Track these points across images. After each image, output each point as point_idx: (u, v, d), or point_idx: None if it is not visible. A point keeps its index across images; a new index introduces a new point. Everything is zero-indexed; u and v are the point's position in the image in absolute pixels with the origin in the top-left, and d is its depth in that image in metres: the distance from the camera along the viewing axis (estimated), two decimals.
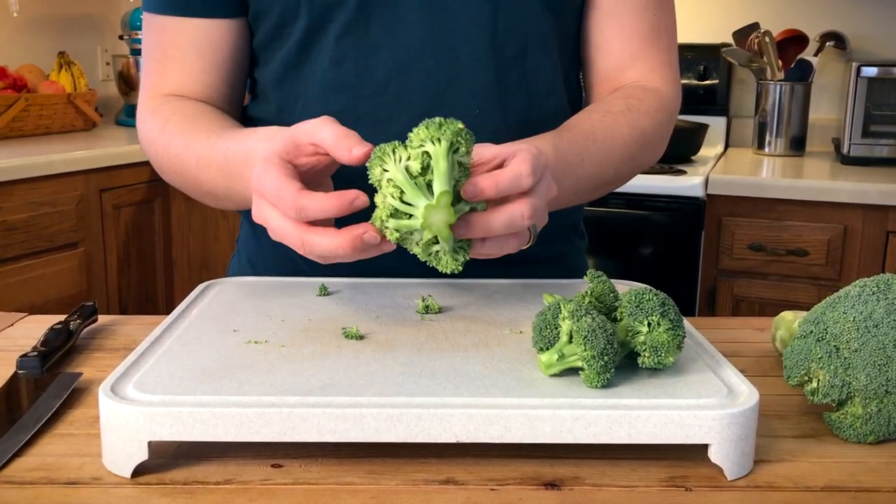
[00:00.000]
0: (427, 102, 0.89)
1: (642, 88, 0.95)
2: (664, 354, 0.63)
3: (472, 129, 0.68)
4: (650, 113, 0.93)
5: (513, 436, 0.58)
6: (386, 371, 0.64)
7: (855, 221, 2.11)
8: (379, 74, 0.90)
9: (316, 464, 0.60)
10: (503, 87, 0.92)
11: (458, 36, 0.89)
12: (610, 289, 0.70)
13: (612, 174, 0.92)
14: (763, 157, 2.56)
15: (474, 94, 0.91)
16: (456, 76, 0.90)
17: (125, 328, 0.90)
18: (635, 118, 0.91)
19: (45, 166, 2.22)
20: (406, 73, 0.89)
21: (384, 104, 0.90)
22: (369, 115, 0.90)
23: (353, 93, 0.90)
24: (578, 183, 0.87)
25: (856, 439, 0.65)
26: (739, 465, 0.59)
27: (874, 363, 0.63)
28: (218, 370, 0.63)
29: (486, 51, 0.90)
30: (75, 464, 0.60)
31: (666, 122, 0.96)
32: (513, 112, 0.93)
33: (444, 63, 0.89)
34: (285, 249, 0.72)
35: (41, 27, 3.01)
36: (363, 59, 0.89)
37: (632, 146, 0.91)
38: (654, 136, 0.94)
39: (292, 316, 0.77)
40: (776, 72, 2.54)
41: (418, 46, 0.89)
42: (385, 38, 0.89)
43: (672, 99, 0.98)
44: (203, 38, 0.93)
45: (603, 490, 0.58)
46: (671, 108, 0.97)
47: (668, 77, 0.98)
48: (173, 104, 0.92)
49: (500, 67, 0.91)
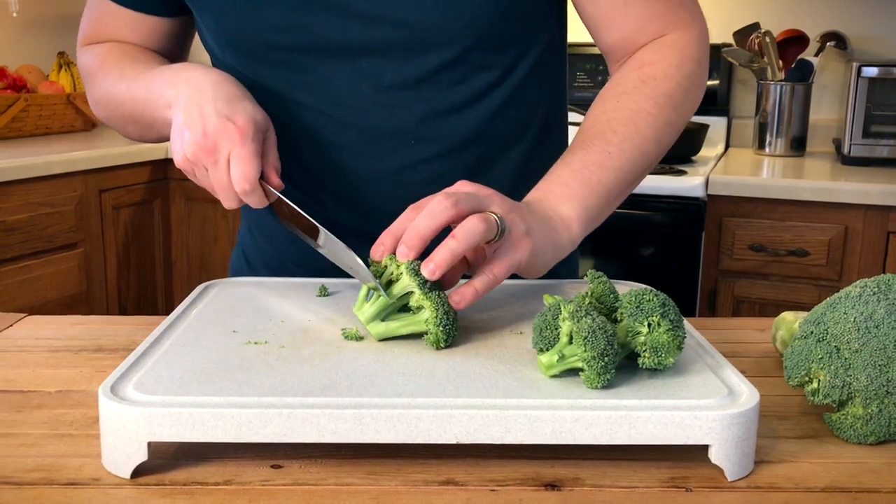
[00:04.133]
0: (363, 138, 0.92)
1: (657, 48, 0.90)
2: (664, 355, 0.63)
3: (414, 160, 0.88)
4: (670, 73, 0.88)
5: (513, 437, 0.58)
6: (386, 372, 0.64)
7: (856, 222, 2.11)
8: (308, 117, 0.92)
9: (315, 464, 0.60)
10: (433, 114, 0.91)
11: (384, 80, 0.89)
12: (610, 289, 0.70)
13: (654, 148, 0.87)
14: (764, 158, 2.56)
15: (404, 129, 0.91)
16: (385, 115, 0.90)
17: (124, 329, 0.90)
18: (653, 87, 0.87)
19: (44, 167, 2.23)
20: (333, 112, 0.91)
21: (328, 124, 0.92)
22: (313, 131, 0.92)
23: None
24: (610, 184, 0.84)
25: (856, 440, 0.65)
26: (740, 466, 0.59)
27: (875, 364, 0.63)
28: (217, 371, 0.63)
29: (412, 89, 0.89)
30: (75, 464, 0.60)
31: (693, 70, 0.90)
32: (455, 134, 0.92)
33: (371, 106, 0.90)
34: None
35: (41, 27, 3.01)
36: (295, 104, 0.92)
37: (662, 114, 0.87)
38: (682, 94, 0.89)
39: (292, 317, 0.77)
40: (777, 72, 2.54)
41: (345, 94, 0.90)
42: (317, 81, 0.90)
43: (695, 42, 0.91)
44: (139, 25, 0.98)
45: (603, 491, 0.58)
46: (696, 53, 0.91)
47: (684, 21, 0.91)
48: (113, 45, 0.98)
49: (426, 101, 0.90)
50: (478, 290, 0.71)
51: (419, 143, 0.91)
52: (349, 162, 0.92)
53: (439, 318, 0.68)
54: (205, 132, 0.78)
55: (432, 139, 0.91)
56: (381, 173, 0.92)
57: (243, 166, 0.77)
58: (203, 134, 0.78)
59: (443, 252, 0.68)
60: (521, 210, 0.75)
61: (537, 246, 0.75)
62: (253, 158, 0.78)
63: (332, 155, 0.93)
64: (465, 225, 0.69)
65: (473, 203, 0.71)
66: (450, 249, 0.68)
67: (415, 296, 0.70)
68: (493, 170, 0.95)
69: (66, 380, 0.76)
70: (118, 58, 0.96)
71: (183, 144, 0.79)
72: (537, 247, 0.75)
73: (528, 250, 0.74)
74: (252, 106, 0.82)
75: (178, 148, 0.80)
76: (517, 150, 0.96)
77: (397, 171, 0.92)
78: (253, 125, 0.79)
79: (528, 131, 0.97)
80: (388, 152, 0.92)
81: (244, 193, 0.78)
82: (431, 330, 0.68)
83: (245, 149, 0.77)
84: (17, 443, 0.64)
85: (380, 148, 0.92)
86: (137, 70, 0.92)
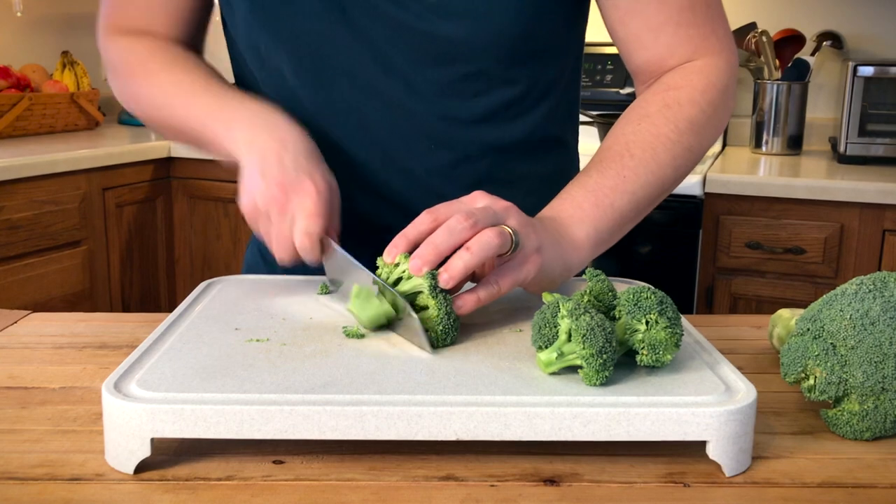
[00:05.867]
0: (386, 131, 0.92)
1: (684, 73, 0.90)
2: (662, 352, 0.63)
3: (427, 162, 0.91)
4: (695, 99, 0.88)
5: (512, 433, 0.58)
6: (386, 369, 0.64)
7: (851, 220, 2.12)
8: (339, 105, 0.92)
9: (317, 460, 0.61)
10: (457, 120, 0.92)
11: (408, 74, 0.89)
12: (608, 287, 0.71)
13: (671, 174, 0.87)
14: (760, 156, 2.57)
15: (425, 131, 0.92)
16: (409, 114, 0.91)
17: (128, 326, 0.91)
18: (676, 112, 0.87)
19: (48, 165, 2.23)
20: (364, 105, 0.91)
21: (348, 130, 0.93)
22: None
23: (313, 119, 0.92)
24: (623, 208, 0.84)
25: (852, 436, 0.65)
26: (737, 462, 0.60)
27: (870, 360, 0.63)
28: (220, 368, 0.64)
29: (435, 86, 0.90)
30: (78, 460, 0.61)
31: (717, 98, 0.90)
32: (474, 141, 0.93)
33: (397, 100, 0.90)
34: None
35: (44, 27, 3.01)
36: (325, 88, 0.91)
37: (682, 140, 0.87)
38: (705, 120, 0.89)
39: (293, 314, 0.77)
40: (773, 71, 2.54)
41: (373, 88, 0.90)
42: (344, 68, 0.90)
43: (722, 70, 0.91)
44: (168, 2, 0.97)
45: (602, 486, 0.58)
46: (722, 81, 0.91)
47: (713, 48, 0.91)
48: (136, 37, 0.97)
49: (450, 100, 0.91)
50: (480, 298, 0.72)
51: (439, 150, 0.93)
52: (376, 155, 0.93)
53: (441, 317, 0.69)
54: (282, 184, 0.79)
55: (451, 147, 0.93)
56: (404, 172, 0.94)
57: (309, 224, 0.78)
58: (280, 185, 0.79)
59: (457, 263, 0.69)
60: (535, 226, 0.76)
61: (546, 263, 0.75)
62: (320, 218, 0.78)
63: (359, 147, 0.93)
64: (480, 238, 0.70)
65: (491, 220, 0.72)
66: (464, 261, 0.69)
67: (423, 295, 0.70)
68: (511, 179, 0.96)
69: (69, 376, 0.77)
70: (169, 62, 0.95)
71: (255, 191, 0.80)
72: (546, 264, 0.75)
73: (537, 267, 0.74)
74: (328, 170, 0.83)
75: (250, 194, 0.80)
76: (533, 160, 0.97)
77: (420, 175, 0.93)
78: (328, 188, 0.80)
79: (546, 143, 0.98)
80: (408, 157, 0.93)
81: (303, 249, 0.78)
82: (432, 328, 0.69)
83: (316, 207, 0.78)
84: (21, 439, 0.64)
85: (399, 152, 0.93)
86: (196, 84, 0.92)
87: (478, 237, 0.70)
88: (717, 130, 0.92)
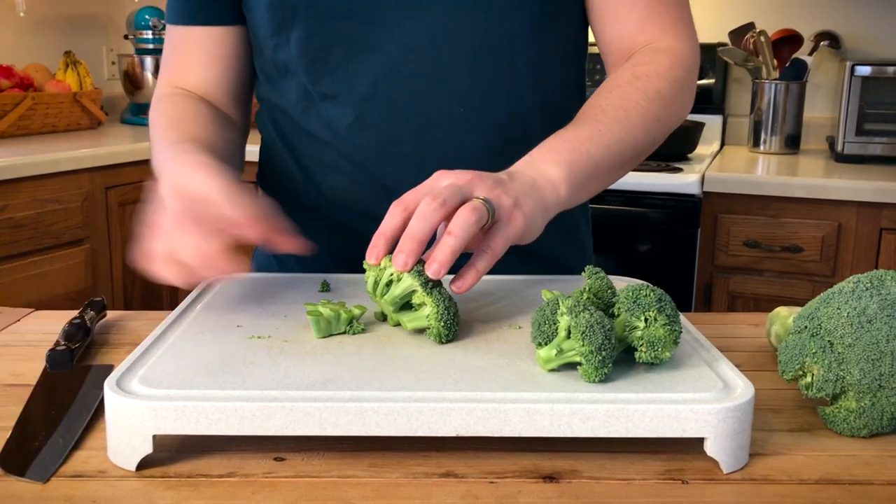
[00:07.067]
0: (412, 104, 0.94)
1: (652, 51, 0.95)
2: (661, 349, 0.64)
3: (457, 127, 0.92)
4: (662, 73, 0.92)
5: (512, 429, 0.59)
6: (387, 366, 0.65)
7: (849, 218, 2.12)
8: (365, 80, 0.93)
9: (318, 457, 0.61)
10: (485, 85, 0.94)
11: (440, 39, 0.92)
12: (608, 285, 0.71)
13: (642, 137, 0.90)
14: (758, 155, 2.57)
15: (457, 95, 0.94)
16: (440, 78, 0.93)
17: (130, 324, 0.91)
18: (645, 83, 0.91)
19: (51, 164, 2.24)
20: (391, 77, 0.93)
21: (371, 108, 0.94)
22: (358, 119, 0.95)
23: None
24: (598, 157, 0.86)
25: (849, 433, 0.66)
26: (735, 459, 0.60)
27: (868, 358, 0.63)
28: (221, 365, 0.64)
29: (468, 51, 0.92)
30: (81, 457, 0.61)
31: (683, 77, 0.95)
32: (499, 107, 0.95)
33: (427, 66, 0.92)
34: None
35: (47, 27, 3.01)
36: (351, 67, 0.94)
37: (651, 108, 0.90)
38: (672, 94, 0.93)
39: (294, 312, 0.78)
40: (771, 71, 2.55)
41: (402, 52, 0.92)
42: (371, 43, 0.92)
43: (687, 54, 0.96)
44: (207, 40, 1.02)
45: (600, 483, 0.59)
46: (687, 62, 0.96)
47: (680, 33, 0.97)
48: (175, 97, 1.01)
49: (480, 65, 0.93)
50: (479, 269, 0.72)
51: (468, 115, 0.94)
52: (406, 125, 0.95)
53: (440, 313, 0.69)
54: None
55: (482, 111, 0.95)
56: (433, 140, 0.96)
57: None
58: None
59: (443, 250, 0.69)
60: (504, 183, 0.76)
61: (528, 214, 0.76)
62: None
63: (389, 120, 0.95)
64: (457, 219, 0.70)
65: (459, 196, 0.72)
66: (449, 246, 0.69)
67: (417, 294, 0.71)
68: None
69: None
70: (168, 120, 0.98)
71: None
72: (528, 214, 0.76)
73: (521, 221, 0.74)
74: None
75: None
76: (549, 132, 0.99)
77: (446, 143, 0.95)
78: None
79: (559, 113, 0.99)
80: (437, 122, 0.95)
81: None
82: (433, 325, 0.69)
83: None
84: None
85: (429, 118, 0.95)
86: (168, 138, 0.94)
87: (455, 218, 0.70)
88: (682, 107, 0.97)
